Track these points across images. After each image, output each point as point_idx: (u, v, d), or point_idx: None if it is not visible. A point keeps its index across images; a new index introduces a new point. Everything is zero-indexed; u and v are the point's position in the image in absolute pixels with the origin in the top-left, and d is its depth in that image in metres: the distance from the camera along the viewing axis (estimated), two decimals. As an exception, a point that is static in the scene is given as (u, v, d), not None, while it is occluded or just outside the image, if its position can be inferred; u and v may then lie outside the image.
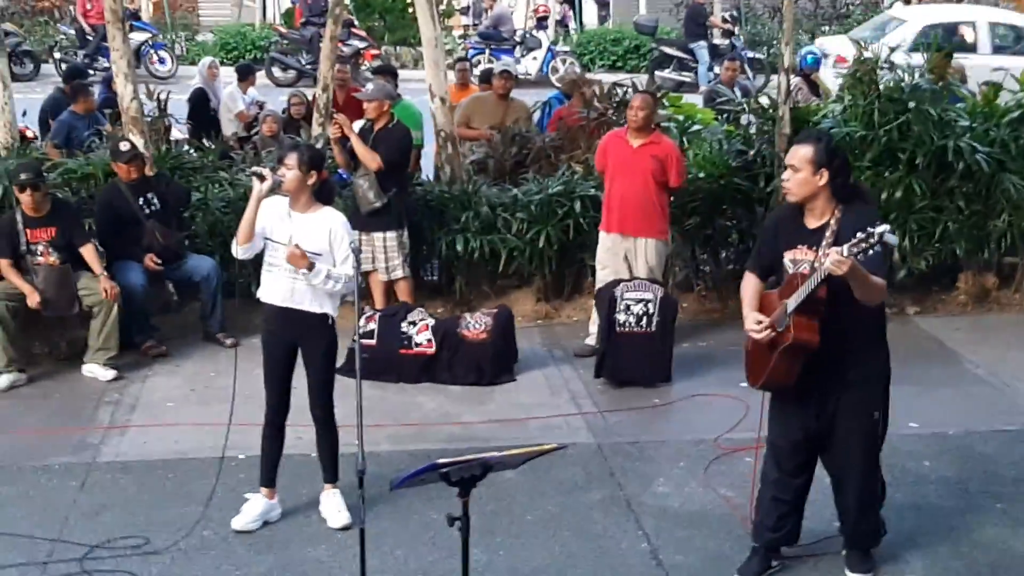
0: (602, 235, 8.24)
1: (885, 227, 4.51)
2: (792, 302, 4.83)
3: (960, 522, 5.84)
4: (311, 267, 5.55)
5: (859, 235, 4.53)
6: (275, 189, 5.62)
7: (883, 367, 5.13)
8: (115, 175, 8.49)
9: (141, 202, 8.35)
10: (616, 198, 8.11)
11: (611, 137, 8.31)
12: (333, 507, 5.92)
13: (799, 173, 4.90)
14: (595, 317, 8.26)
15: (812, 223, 4.96)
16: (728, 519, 5.88)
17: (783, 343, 4.88)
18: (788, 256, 5.01)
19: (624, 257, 8.12)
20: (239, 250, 5.76)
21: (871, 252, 4.54)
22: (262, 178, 5.59)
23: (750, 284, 5.19)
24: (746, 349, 5.20)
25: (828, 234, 4.86)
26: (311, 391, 5.88)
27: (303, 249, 5.55)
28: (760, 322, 4.96)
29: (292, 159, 5.63)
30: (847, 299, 4.74)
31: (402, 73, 13.85)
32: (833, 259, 4.55)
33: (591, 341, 8.27)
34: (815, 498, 5.40)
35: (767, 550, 5.34)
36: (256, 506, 5.89)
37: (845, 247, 4.55)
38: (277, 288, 5.72)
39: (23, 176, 7.82)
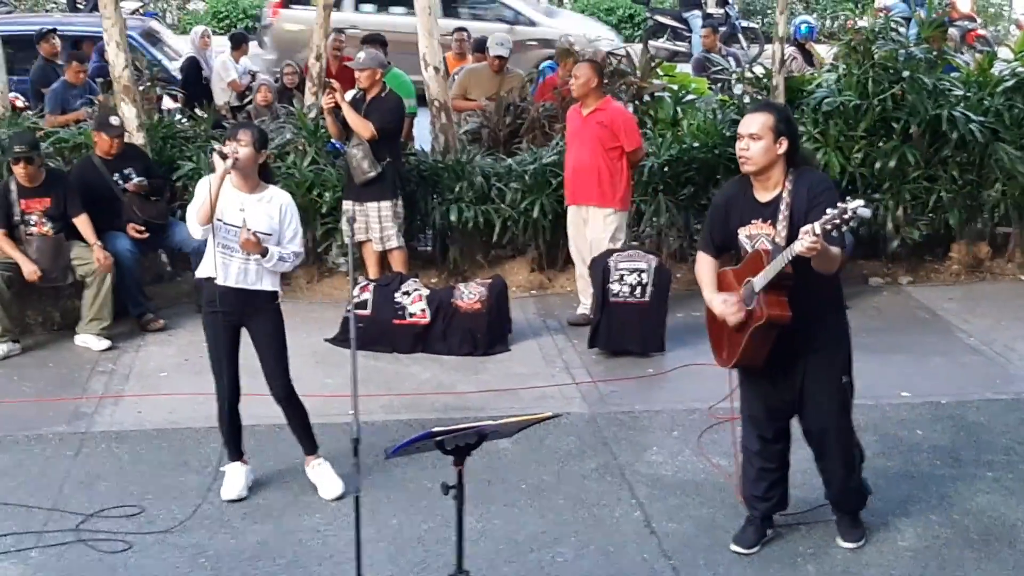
0: (568, 209, 8.29)
1: (859, 202, 4.45)
2: (760, 280, 4.78)
3: (952, 490, 5.87)
4: (264, 252, 5.52)
5: (831, 211, 4.46)
6: (234, 166, 5.52)
7: (845, 330, 5.12)
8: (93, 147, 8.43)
9: (116, 176, 8.29)
10: (570, 168, 8.16)
11: (571, 109, 8.30)
12: (324, 477, 5.92)
13: (761, 141, 4.86)
14: (581, 286, 8.30)
15: (764, 196, 4.93)
16: (721, 487, 5.91)
17: (755, 322, 4.83)
18: (743, 232, 4.97)
19: (582, 226, 8.15)
20: (197, 230, 5.58)
21: (844, 228, 4.49)
22: (224, 156, 5.48)
23: (706, 264, 5.12)
24: (709, 329, 5.15)
25: (783, 206, 4.83)
26: (268, 373, 5.77)
27: (257, 237, 5.49)
28: (725, 301, 4.91)
29: (246, 136, 5.57)
30: (805, 269, 4.69)
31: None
32: (808, 243, 4.44)
33: (583, 310, 8.30)
34: (805, 467, 5.43)
35: (761, 519, 5.37)
36: (238, 474, 5.88)
37: (817, 225, 4.45)
38: (230, 270, 5.60)
39: (18, 148, 7.79)
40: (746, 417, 5.33)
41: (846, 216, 4.44)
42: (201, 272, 5.72)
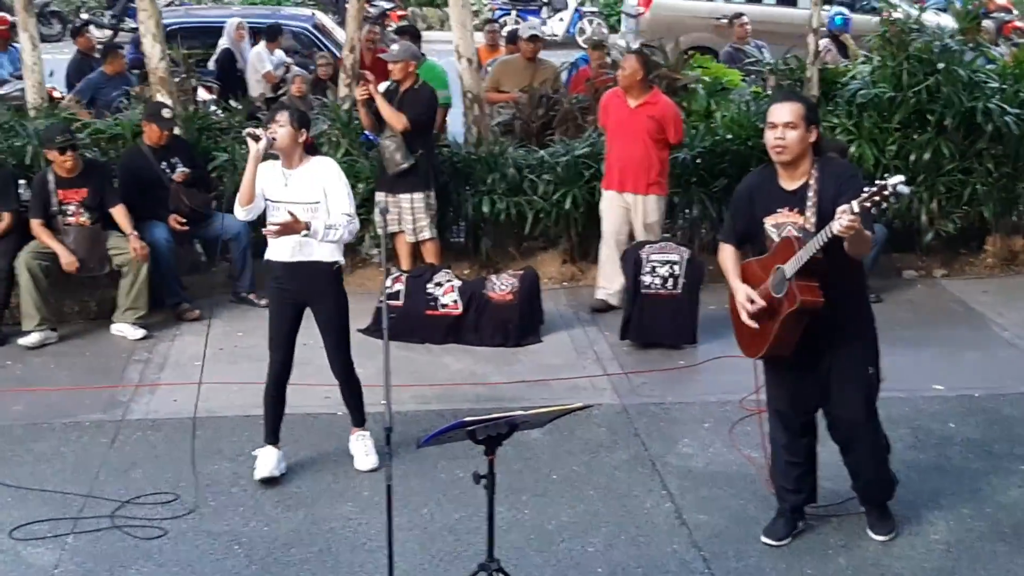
0: (604, 192, 8.41)
1: (899, 178, 4.48)
2: (791, 266, 4.77)
3: (984, 484, 5.85)
4: (308, 227, 5.61)
5: (868, 189, 4.46)
6: (269, 147, 5.67)
7: (870, 320, 5.11)
8: (139, 136, 8.53)
9: (164, 165, 8.39)
10: (615, 157, 8.27)
11: (611, 96, 8.39)
12: (361, 449, 6.04)
13: (796, 130, 4.84)
14: (607, 271, 8.41)
15: (790, 184, 4.92)
16: (752, 479, 5.91)
17: (787, 309, 4.82)
18: (769, 221, 4.95)
19: (625, 211, 8.27)
20: (241, 211, 5.77)
21: (884, 206, 4.50)
22: (257, 138, 5.64)
23: (730, 255, 5.14)
24: (735, 321, 5.13)
25: (811, 193, 4.84)
26: (331, 349, 5.92)
27: (295, 216, 5.60)
28: (751, 298, 4.90)
29: (283, 117, 5.70)
30: (833, 256, 4.69)
31: (428, 34, 13.85)
32: (846, 221, 4.44)
33: (601, 295, 8.43)
34: (837, 459, 5.41)
35: (792, 511, 5.37)
36: (270, 456, 5.96)
37: (855, 203, 4.45)
38: (284, 245, 5.75)
39: (59, 138, 7.88)
40: (772, 411, 5.33)
41: (885, 192, 4.42)
42: (268, 254, 5.90)
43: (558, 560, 5.21)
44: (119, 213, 8.03)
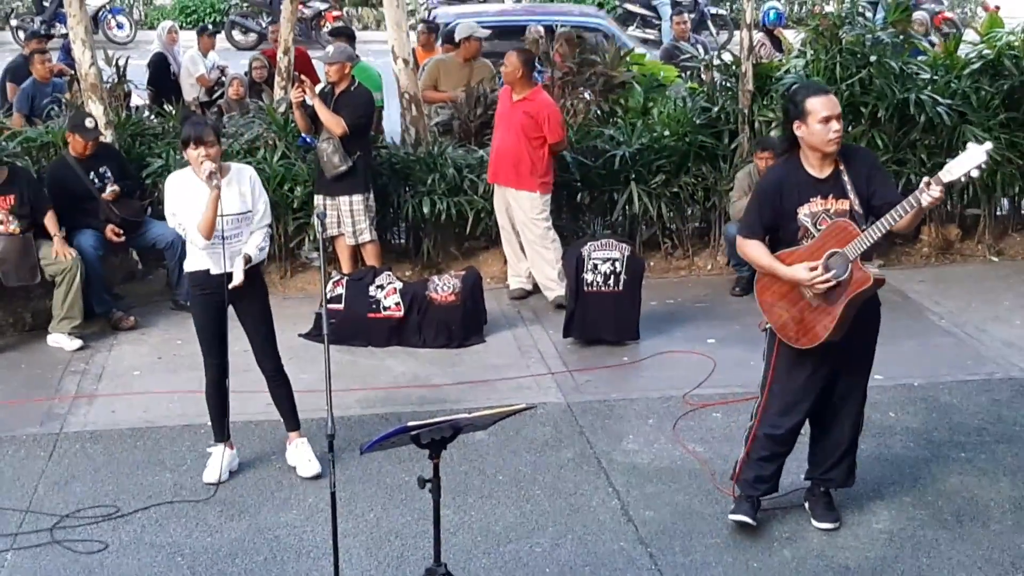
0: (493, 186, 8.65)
1: (988, 145, 4.69)
2: (854, 249, 4.88)
3: (925, 472, 5.92)
4: (249, 260, 5.72)
5: (957, 159, 4.66)
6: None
7: (878, 300, 5.29)
8: (67, 146, 8.37)
9: (92, 175, 8.24)
10: (494, 149, 8.51)
11: (503, 91, 8.64)
12: (303, 457, 6.00)
13: (841, 121, 4.98)
14: (512, 262, 8.68)
15: (821, 173, 5.03)
16: (697, 474, 5.94)
17: (857, 287, 4.92)
18: (803, 211, 5.02)
19: (505, 206, 8.48)
20: (203, 243, 5.67)
21: (974, 173, 4.67)
22: (212, 175, 5.58)
23: (761, 247, 5.14)
24: (773, 312, 5.12)
25: (846, 179, 4.97)
26: (257, 345, 5.95)
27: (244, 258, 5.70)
28: (814, 268, 4.94)
29: (211, 135, 5.66)
30: None
31: (363, 35, 13.79)
32: (937, 193, 4.68)
33: (516, 284, 8.67)
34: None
35: (758, 500, 5.41)
36: (219, 457, 5.96)
37: (943, 175, 4.66)
38: (216, 260, 5.73)
39: None
40: (781, 400, 5.24)
41: (979, 159, 4.63)
42: (190, 266, 5.85)
43: (505, 562, 5.20)
44: (50, 219, 7.90)
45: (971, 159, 4.63)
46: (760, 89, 9.24)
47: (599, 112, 9.77)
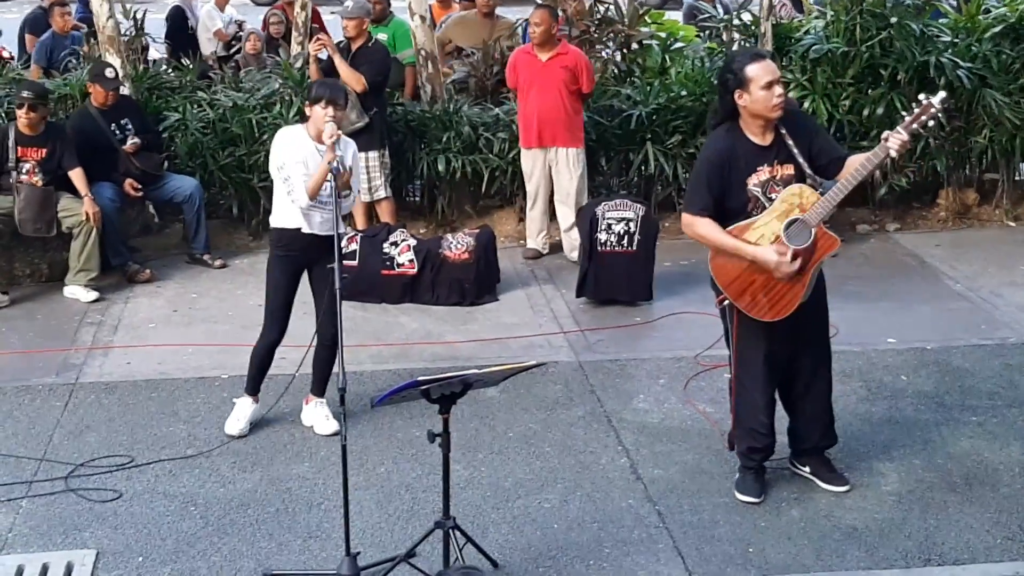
0: (523, 151, 8.50)
1: (942, 95, 4.71)
2: (816, 215, 4.82)
3: (935, 435, 5.92)
4: (341, 170, 5.60)
5: (915, 109, 4.70)
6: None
7: None
8: (88, 98, 8.41)
9: (113, 127, 8.28)
10: (531, 113, 8.34)
11: (519, 54, 8.53)
12: (320, 415, 6.04)
13: (783, 85, 4.94)
14: (532, 229, 8.67)
15: (763, 141, 4.96)
16: (707, 434, 5.95)
17: (822, 252, 4.90)
18: (752, 180, 4.93)
19: (547, 167, 8.41)
20: (305, 202, 5.68)
21: (930, 124, 4.73)
22: (335, 146, 5.55)
23: (713, 225, 4.96)
24: (733, 285, 5.02)
25: (790, 142, 4.91)
26: (324, 311, 5.82)
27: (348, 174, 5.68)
28: (781, 253, 4.86)
29: (344, 100, 5.77)
30: None
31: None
32: (902, 141, 4.70)
33: (532, 244, 8.67)
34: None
35: (759, 467, 5.41)
36: (245, 409, 6.02)
37: (902, 128, 4.70)
38: (313, 220, 5.76)
39: (25, 94, 7.85)
40: (755, 368, 5.20)
41: (934, 110, 4.70)
42: (280, 222, 5.85)
43: (514, 516, 5.23)
44: (77, 176, 7.95)
45: (932, 104, 4.71)
46: (779, 49, 9.16)
47: (616, 71, 9.72)
